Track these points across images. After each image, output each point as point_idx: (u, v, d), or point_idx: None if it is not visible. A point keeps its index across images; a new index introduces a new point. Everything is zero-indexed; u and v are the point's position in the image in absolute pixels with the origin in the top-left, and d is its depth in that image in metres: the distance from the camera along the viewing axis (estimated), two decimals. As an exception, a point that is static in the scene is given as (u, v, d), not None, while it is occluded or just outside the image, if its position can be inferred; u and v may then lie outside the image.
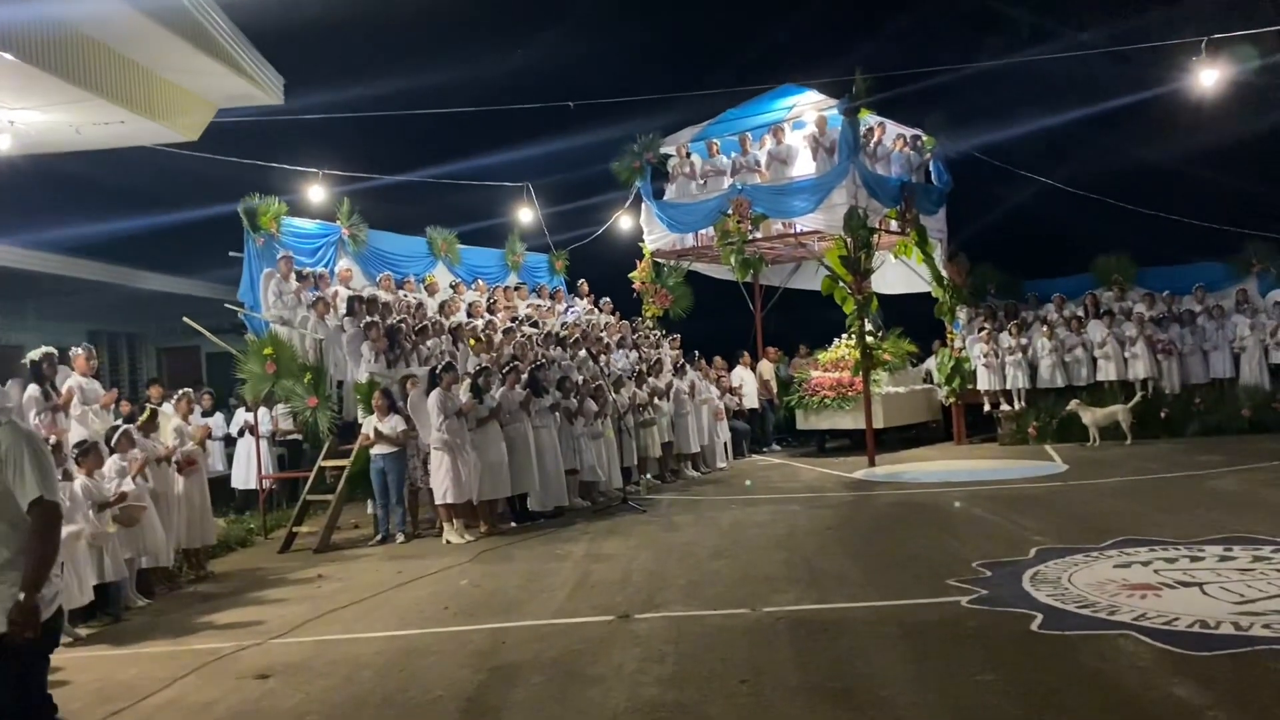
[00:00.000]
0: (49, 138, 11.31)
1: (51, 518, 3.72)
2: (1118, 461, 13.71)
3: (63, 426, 8.83)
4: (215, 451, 14.00)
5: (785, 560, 8.67)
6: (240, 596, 8.92)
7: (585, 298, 18.43)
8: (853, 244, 15.53)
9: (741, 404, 17.88)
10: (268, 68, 11.90)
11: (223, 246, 13.73)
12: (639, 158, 17.96)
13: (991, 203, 20.39)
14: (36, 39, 9.31)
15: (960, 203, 18.91)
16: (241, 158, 14.62)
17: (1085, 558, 7.90)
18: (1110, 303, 17.46)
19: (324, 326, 12.39)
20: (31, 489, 3.64)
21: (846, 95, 15.93)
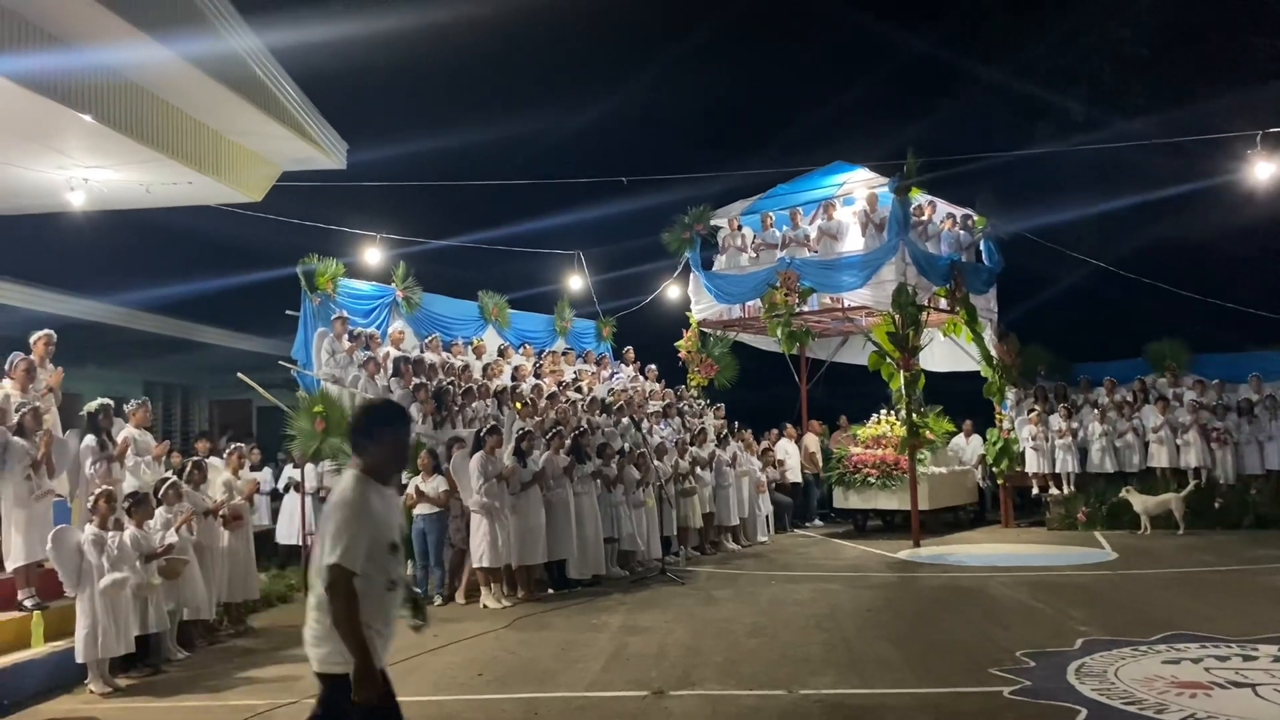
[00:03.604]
0: (120, 195, 11.72)
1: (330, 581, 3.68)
2: (1169, 552, 13.39)
3: (117, 477, 9.01)
4: (261, 506, 14.15)
5: (824, 641, 8.55)
6: (278, 653, 8.95)
7: (631, 365, 18.53)
8: (901, 321, 15.50)
9: (784, 477, 17.76)
10: (331, 132, 12.29)
11: (279, 304, 14.06)
12: (689, 228, 18.18)
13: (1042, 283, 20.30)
14: (113, 101, 9.71)
15: (1011, 282, 18.85)
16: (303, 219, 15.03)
17: (1133, 651, 7.70)
18: (1163, 388, 17.19)
19: (373, 386, 12.58)
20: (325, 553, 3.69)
21: (897, 174, 16.05)
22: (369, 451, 3.84)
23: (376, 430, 3.86)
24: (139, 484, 9.17)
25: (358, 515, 3.69)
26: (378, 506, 3.76)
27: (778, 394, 19.91)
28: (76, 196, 11.11)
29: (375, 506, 3.75)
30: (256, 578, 10.76)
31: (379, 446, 3.83)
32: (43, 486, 8.45)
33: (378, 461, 3.83)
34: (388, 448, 3.86)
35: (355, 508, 3.71)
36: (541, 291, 18.77)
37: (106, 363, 18.82)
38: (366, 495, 3.74)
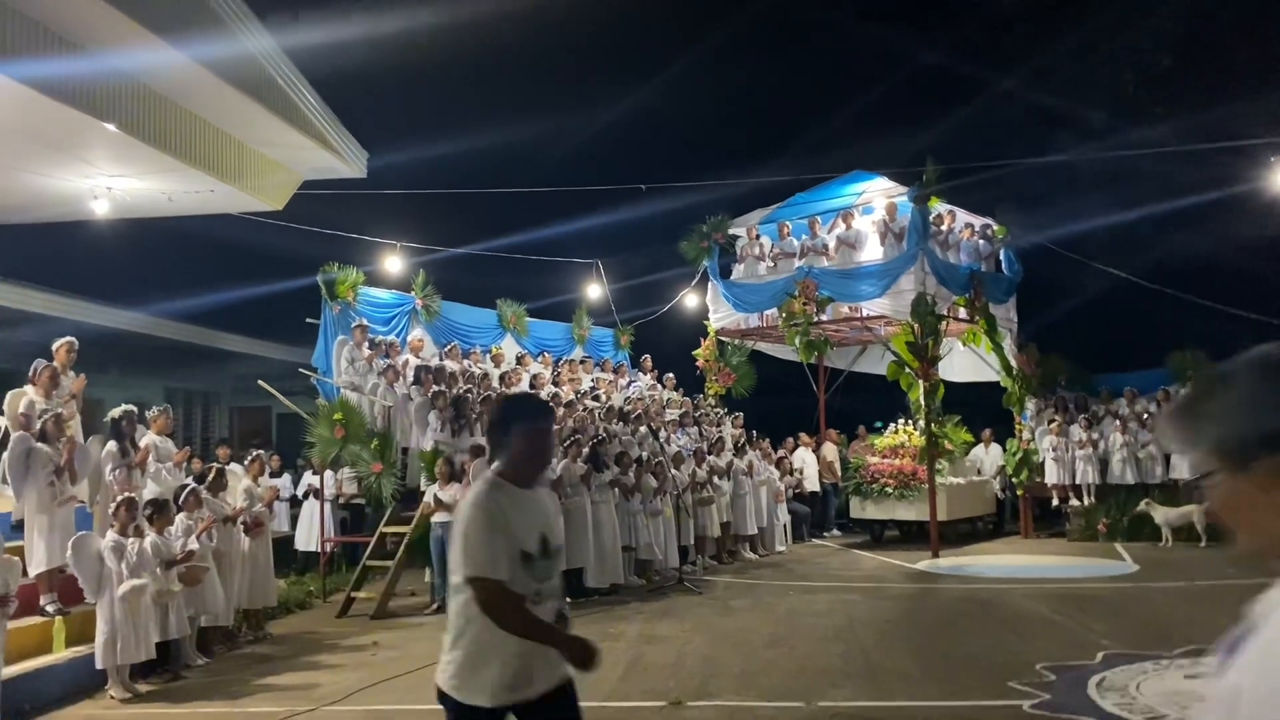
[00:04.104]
0: (143, 203, 11.85)
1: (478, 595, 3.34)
2: (1191, 564, 13.27)
3: (138, 483, 9.07)
4: (280, 512, 14.23)
5: (843, 652, 8.51)
6: (296, 660, 8.99)
7: (649, 373, 18.52)
8: (920, 330, 15.44)
9: (802, 486, 17.71)
10: (352, 142, 12.39)
11: (299, 312, 14.14)
12: (707, 237, 18.15)
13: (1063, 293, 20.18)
14: (137, 110, 9.81)
15: (1031, 292, 18.75)
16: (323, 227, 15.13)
17: (1155, 666, 7.63)
18: (1185, 399, 17.06)
19: (392, 394, 12.63)
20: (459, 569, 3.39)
21: (917, 183, 16.00)
22: (506, 450, 3.47)
23: (515, 426, 3.45)
24: (159, 490, 9.22)
25: (488, 521, 3.33)
26: (512, 512, 3.38)
27: (796, 403, 19.87)
28: (100, 205, 11.23)
29: (508, 512, 3.37)
30: (275, 584, 10.82)
31: (517, 443, 3.43)
32: (65, 493, 8.52)
33: (515, 462, 3.45)
34: (526, 445, 3.45)
35: (483, 513, 3.35)
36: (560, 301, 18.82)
37: (128, 370, 18.98)
38: (497, 500, 3.37)
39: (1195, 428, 1.56)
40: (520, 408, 3.62)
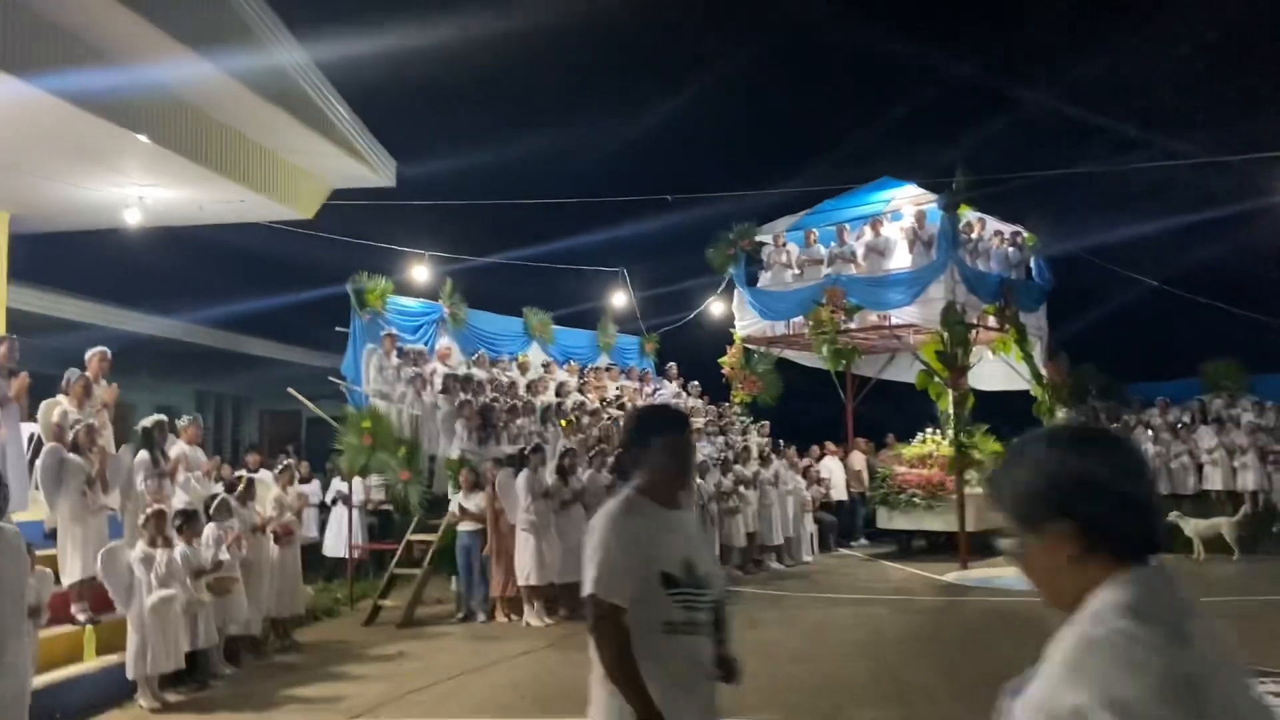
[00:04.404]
0: (174, 212, 11.97)
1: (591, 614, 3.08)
2: (1223, 579, 13.08)
3: (168, 493, 9.14)
4: (309, 518, 14.31)
5: (870, 669, 8.45)
6: (323, 670, 9.03)
7: (674, 381, 18.50)
8: (949, 339, 15.33)
9: (829, 495, 17.62)
10: (381, 151, 12.46)
11: (329, 319, 14.25)
12: (734, 245, 18.11)
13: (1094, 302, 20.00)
14: (168, 121, 9.91)
15: (1062, 301, 18.59)
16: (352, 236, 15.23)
17: (1188, 686, 7.50)
18: (1219, 410, 16.84)
19: (420, 403, 12.69)
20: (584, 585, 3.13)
21: (946, 190, 15.88)
22: (644, 464, 3.20)
23: (654, 439, 3.21)
24: (189, 500, 9.29)
25: (615, 537, 3.07)
26: (651, 531, 3.10)
27: (823, 411, 19.77)
28: (132, 214, 11.34)
29: (645, 531, 3.10)
30: (304, 592, 10.88)
31: (656, 457, 3.18)
32: (97, 502, 8.60)
33: (655, 477, 3.18)
34: (667, 459, 3.19)
35: (612, 529, 3.09)
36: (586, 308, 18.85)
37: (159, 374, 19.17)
38: (630, 515, 3.12)
39: (999, 495, 1.80)
40: (659, 419, 3.39)
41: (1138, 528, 1.71)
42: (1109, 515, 1.69)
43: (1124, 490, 1.70)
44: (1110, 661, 1.53)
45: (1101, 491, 1.69)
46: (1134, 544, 1.69)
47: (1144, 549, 1.70)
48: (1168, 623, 1.57)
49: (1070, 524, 1.69)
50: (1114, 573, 1.67)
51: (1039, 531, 1.72)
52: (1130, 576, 1.66)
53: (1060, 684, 1.57)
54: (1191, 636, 1.57)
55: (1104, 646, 1.55)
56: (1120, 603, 1.62)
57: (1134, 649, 1.53)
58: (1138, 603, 1.61)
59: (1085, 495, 1.69)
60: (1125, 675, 1.50)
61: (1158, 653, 1.52)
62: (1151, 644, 1.53)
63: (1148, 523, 1.72)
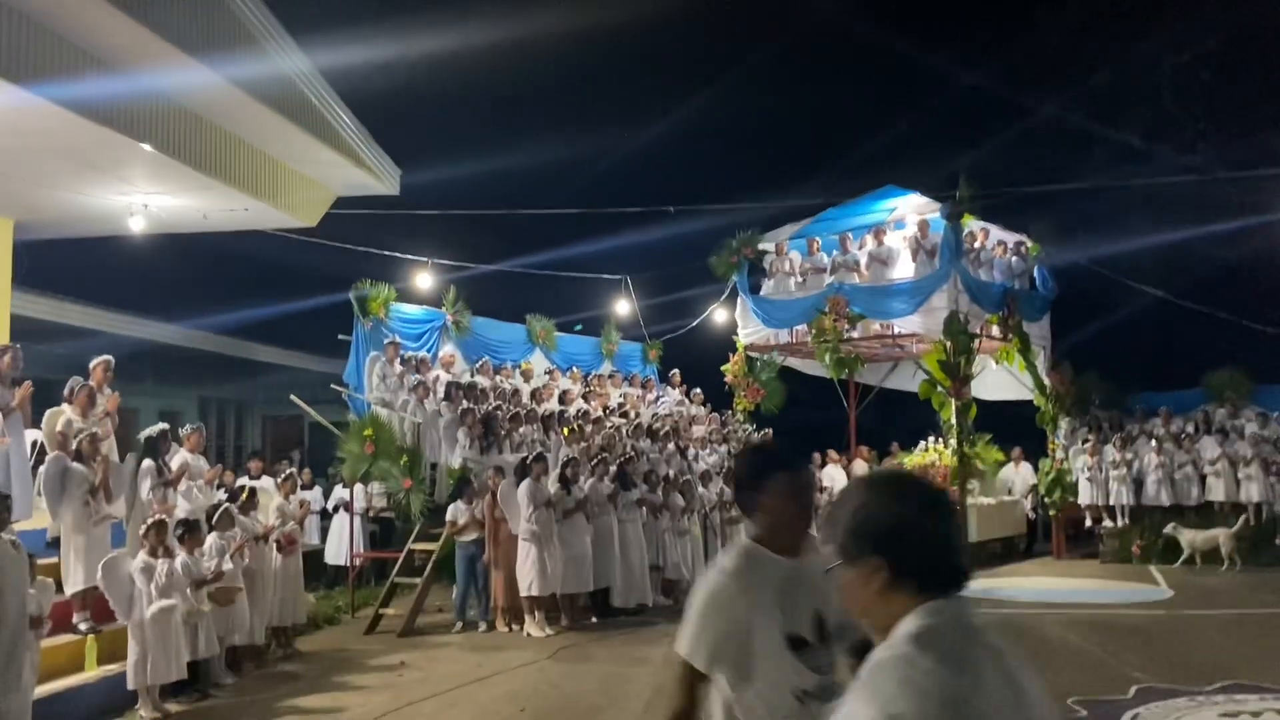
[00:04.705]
0: (178, 219, 11.99)
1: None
2: (1227, 590, 13.06)
3: (172, 502, 9.15)
4: (310, 525, 14.31)
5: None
6: (324, 680, 9.03)
7: (677, 388, 18.48)
8: (952, 349, 15.32)
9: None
10: (385, 158, 12.48)
11: (332, 326, 14.25)
12: (737, 253, 18.09)
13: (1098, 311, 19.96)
14: (172, 130, 9.92)
15: (1065, 310, 18.57)
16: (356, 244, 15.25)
17: (1189, 702, 7.51)
18: (1222, 420, 16.80)
19: (422, 410, 12.68)
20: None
21: (950, 199, 15.87)
22: (759, 509, 2.86)
23: (768, 481, 2.85)
24: (191, 509, 9.30)
25: (712, 598, 2.75)
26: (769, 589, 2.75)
27: (826, 419, 19.75)
28: (136, 221, 11.37)
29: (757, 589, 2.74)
30: (305, 601, 10.89)
31: (773, 502, 2.83)
32: (100, 512, 8.60)
33: (773, 525, 2.84)
34: (785, 504, 2.83)
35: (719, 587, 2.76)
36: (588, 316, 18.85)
37: (162, 379, 19.21)
38: (743, 575, 2.76)
39: (831, 531, 2.00)
40: (774, 458, 2.95)
41: (939, 565, 1.92)
42: (913, 554, 1.90)
43: (928, 532, 1.92)
44: (892, 681, 1.75)
45: (907, 533, 1.91)
46: (935, 579, 1.90)
47: (945, 584, 1.91)
48: (949, 650, 1.79)
49: (880, 560, 1.90)
50: (916, 604, 1.87)
51: (856, 565, 1.92)
52: (928, 608, 1.86)
53: (857, 700, 1.78)
54: (973, 664, 1.79)
55: (889, 668, 1.78)
56: (911, 631, 1.84)
57: (912, 671, 1.75)
58: (925, 632, 1.82)
59: (893, 535, 1.91)
60: (903, 693, 1.72)
61: (932, 676, 1.74)
62: (928, 668, 1.75)
63: (948, 561, 1.93)
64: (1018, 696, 1.83)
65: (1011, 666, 1.87)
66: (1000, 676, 1.82)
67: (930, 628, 1.83)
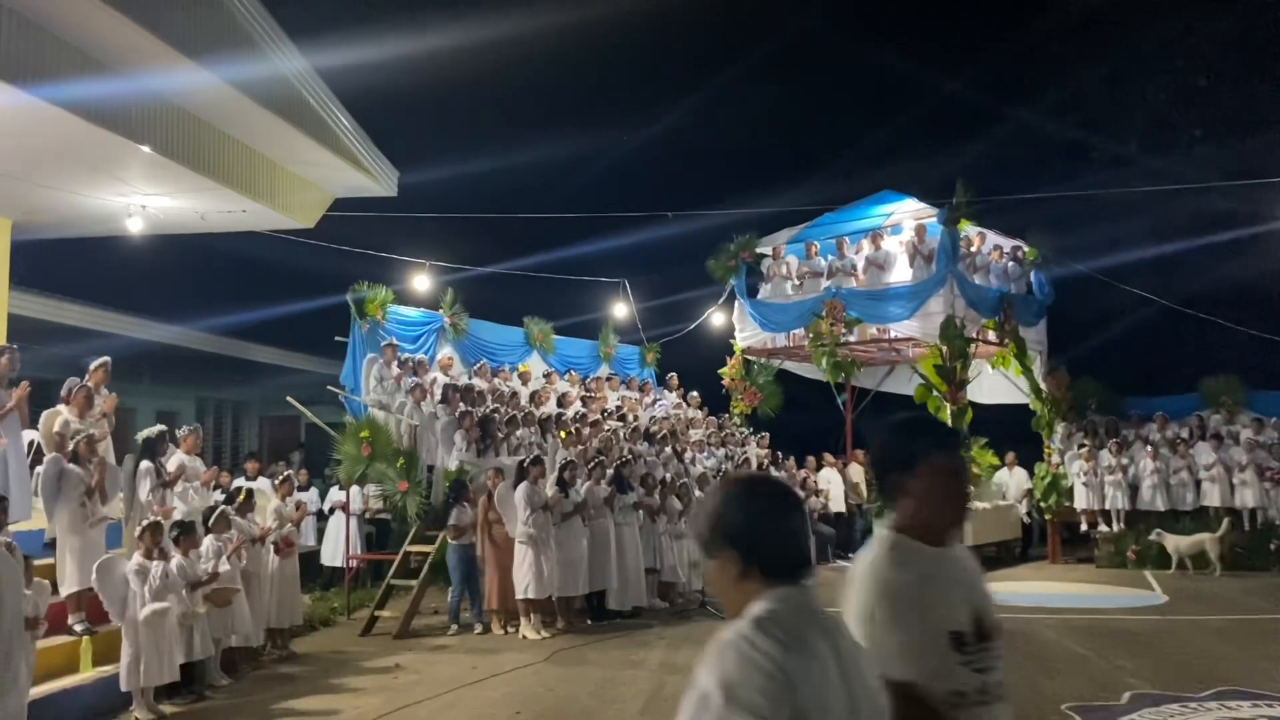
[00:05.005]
0: (176, 221, 12.00)
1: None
2: (1222, 596, 13.09)
3: (170, 504, 9.15)
4: (307, 526, 14.30)
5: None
6: (319, 681, 9.03)
7: (674, 391, 18.51)
8: (948, 353, 15.35)
9: (827, 507, 17.62)
10: (383, 160, 12.50)
11: (329, 327, 14.25)
12: (734, 256, 18.14)
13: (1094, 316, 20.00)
14: (170, 132, 9.93)
15: (1062, 315, 18.58)
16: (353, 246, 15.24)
17: (1183, 708, 7.52)
18: (1217, 425, 16.83)
19: (419, 413, 12.69)
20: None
21: (947, 205, 15.91)
22: (907, 494, 2.58)
23: (919, 461, 2.56)
24: (187, 510, 9.31)
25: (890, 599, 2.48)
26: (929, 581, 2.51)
27: (822, 422, 19.79)
28: (135, 223, 11.37)
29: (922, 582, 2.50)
30: (302, 602, 10.89)
31: (924, 485, 2.56)
32: (96, 513, 8.61)
33: (923, 510, 2.57)
34: (937, 487, 2.56)
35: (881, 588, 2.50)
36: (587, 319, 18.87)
37: (160, 380, 19.19)
38: (900, 568, 2.51)
39: (695, 527, 2.25)
40: (926, 435, 2.65)
41: (783, 557, 2.14)
42: (761, 547, 2.13)
43: (774, 528, 2.15)
44: (731, 655, 1.99)
45: (756, 529, 2.14)
46: (781, 569, 2.13)
47: (790, 573, 2.13)
48: (784, 631, 2.01)
49: (733, 552, 2.14)
50: (763, 591, 2.10)
51: (714, 557, 2.16)
52: (772, 594, 2.10)
53: (703, 671, 2.02)
54: (804, 643, 2.02)
55: (730, 645, 2.01)
56: (754, 614, 2.06)
57: (748, 648, 1.98)
58: (766, 614, 2.05)
59: (744, 531, 2.14)
60: (737, 666, 1.97)
61: (764, 652, 1.97)
62: (762, 645, 1.98)
63: (792, 553, 2.15)
64: (845, 674, 2.04)
65: (845, 647, 2.10)
66: (832, 656, 2.04)
67: (771, 611, 2.06)
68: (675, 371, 19.00)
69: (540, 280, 18.41)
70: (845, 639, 2.13)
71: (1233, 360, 17.59)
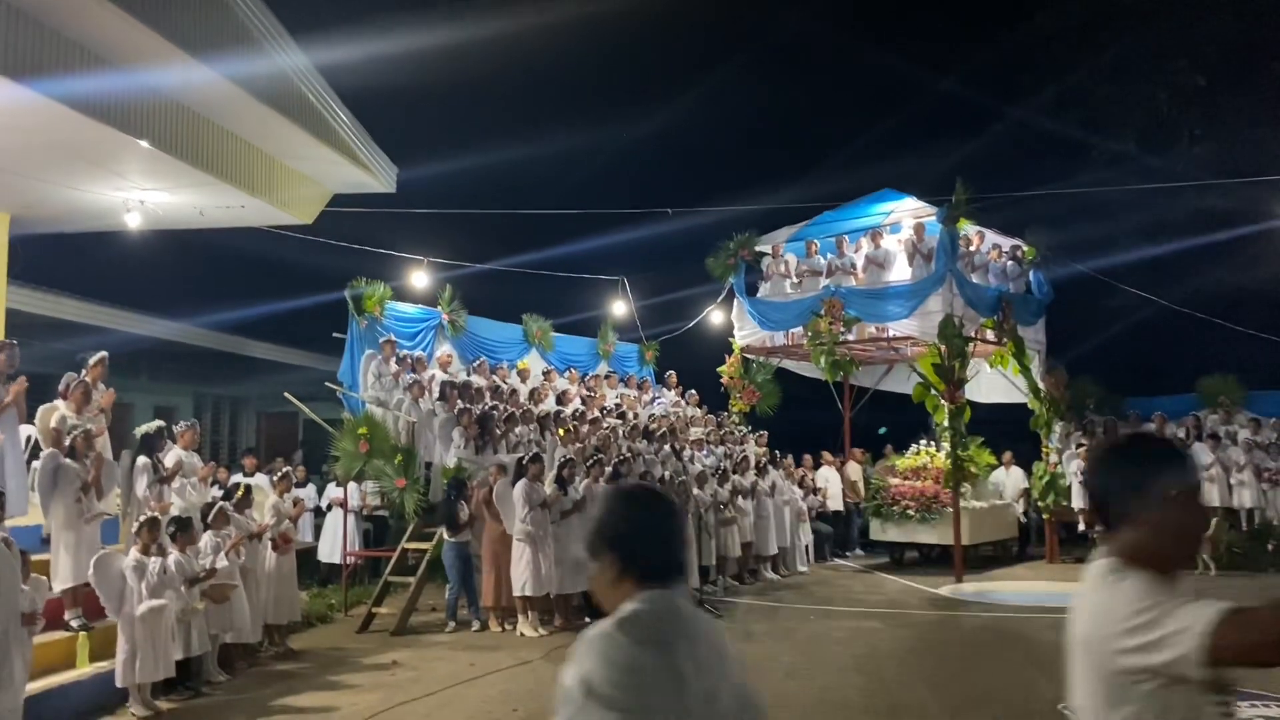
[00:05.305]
0: (174, 216, 11.99)
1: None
2: (1218, 596, 12.87)
3: (167, 500, 9.14)
4: (304, 522, 14.28)
5: (863, 685, 8.45)
6: (316, 678, 9.03)
7: (673, 389, 18.49)
8: (947, 352, 15.34)
9: (825, 505, 17.62)
10: (382, 157, 12.48)
11: (327, 323, 14.23)
12: (734, 254, 18.10)
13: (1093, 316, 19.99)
14: (169, 127, 9.92)
15: (1060, 314, 18.58)
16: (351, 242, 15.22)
17: (1180, 708, 7.50)
18: (1215, 426, 16.83)
19: (417, 409, 12.67)
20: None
21: (946, 203, 15.89)
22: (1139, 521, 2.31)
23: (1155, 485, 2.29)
24: (184, 506, 9.29)
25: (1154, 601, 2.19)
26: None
27: (821, 420, 19.77)
28: (133, 218, 11.36)
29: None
30: (299, 598, 10.88)
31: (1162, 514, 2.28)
32: (92, 509, 8.60)
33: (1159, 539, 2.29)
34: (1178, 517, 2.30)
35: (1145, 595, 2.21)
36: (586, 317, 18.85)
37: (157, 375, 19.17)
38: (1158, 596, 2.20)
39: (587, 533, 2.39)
40: (1173, 457, 2.36)
41: (657, 562, 2.30)
42: (637, 553, 2.29)
43: (650, 536, 2.31)
44: (593, 652, 2.13)
45: (634, 536, 2.30)
46: (654, 573, 2.28)
47: (662, 576, 2.28)
48: (643, 630, 2.16)
49: (613, 556, 2.29)
50: (635, 592, 2.25)
51: (596, 559, 2.31)
52: (642, 596, 2.24)
53: (571, 666, 2.14)
54: (662, 642, 2.15)
55: (594, 642, 2.15)
56: (620, 614, 2.22)
57: (607, 645, 2.13)
58: (630, 614, 2.20)
59: (621, 536, 2.31)
60: (596, 662, 2.11)
61: (621, 649, 2.12)
62: (620, 642, 2.13)
63: (665, 558, 2.31)
64: (704, 674, 2.18)
65: (708, 648, 2.24)
66: (691, 657, 2.17)
67: (636, 611, 2.21)
68: (674, 369, 18.99)
69: (539, 277, 18.39)
70: (710, 641, 2.27)
71: (1231, 360, 17.59)
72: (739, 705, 2.26)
